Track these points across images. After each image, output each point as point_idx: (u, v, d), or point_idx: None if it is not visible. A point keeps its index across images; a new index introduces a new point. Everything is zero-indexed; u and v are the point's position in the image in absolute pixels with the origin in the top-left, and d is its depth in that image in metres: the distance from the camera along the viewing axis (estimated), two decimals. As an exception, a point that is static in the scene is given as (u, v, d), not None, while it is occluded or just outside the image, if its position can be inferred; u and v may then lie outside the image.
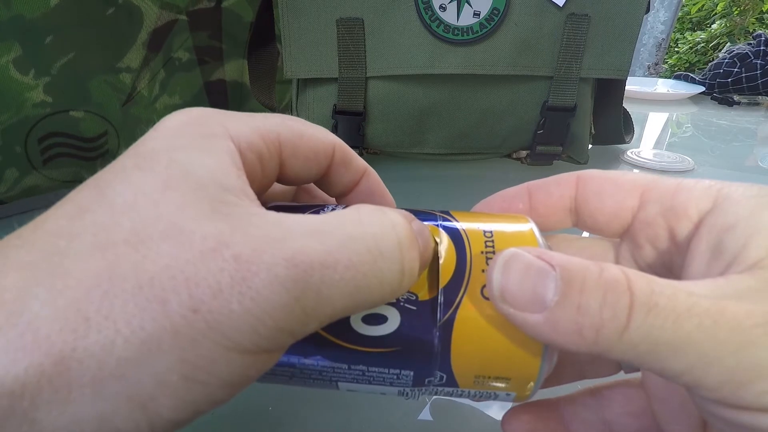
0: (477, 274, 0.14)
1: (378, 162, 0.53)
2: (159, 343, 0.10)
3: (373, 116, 0.48)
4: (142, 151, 0.12)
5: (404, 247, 0.12)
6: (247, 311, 0.10)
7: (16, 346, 0.09)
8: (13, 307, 0.10)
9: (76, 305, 0.10)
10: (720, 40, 2.48)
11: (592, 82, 0.50)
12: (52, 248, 0.10)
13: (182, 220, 0.11)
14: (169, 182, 0.11)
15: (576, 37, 0.45)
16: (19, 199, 0.41)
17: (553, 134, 0.49)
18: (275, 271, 0.10)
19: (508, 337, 0.14)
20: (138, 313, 0.10)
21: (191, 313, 0.10)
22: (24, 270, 0.10)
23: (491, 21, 0.45)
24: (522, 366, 0.14)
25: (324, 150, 0.16)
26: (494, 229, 0.15)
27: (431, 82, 0.47)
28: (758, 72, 0.89)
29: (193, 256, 0.10)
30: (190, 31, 0.48)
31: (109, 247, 0.10)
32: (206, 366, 0.10)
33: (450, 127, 0.49)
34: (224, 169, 0.12)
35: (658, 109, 0.88)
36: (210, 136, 0.13)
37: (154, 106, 0.48)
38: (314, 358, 0.14)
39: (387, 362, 0.14)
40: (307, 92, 0.49)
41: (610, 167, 0.54)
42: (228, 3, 0.50)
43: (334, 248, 0.11)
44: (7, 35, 0.36)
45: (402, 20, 0.45)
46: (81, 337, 0.10)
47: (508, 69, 0.46)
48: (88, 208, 0.11)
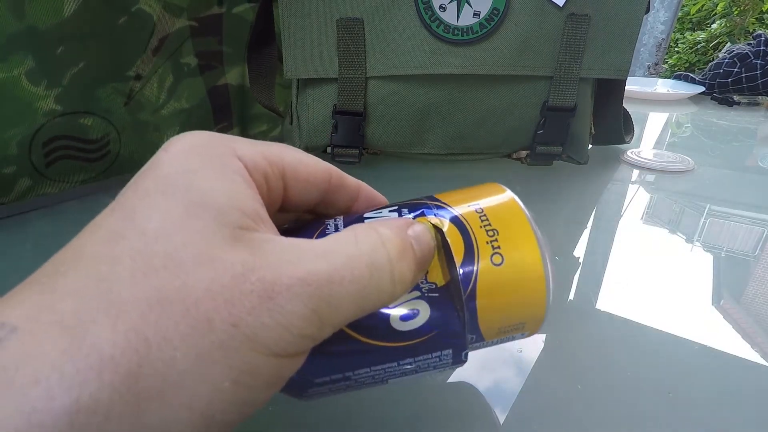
0: (483, 246, 0.17)
1: (378, 162, 0.53)
2: (210, 355, 0.12)
3: (373, 116, 0.48)
4: (160, 174, 0.14)
5: (393, 259, 0.14)
6: (276, 323, 0.12)
7: (85, 368, 0.10)
8: (75, 332, 0.11)
9: (135, 328, 0.11)
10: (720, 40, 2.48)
11: (592, 82, 0.50)
12: (97, 274, 0.12)
13: (210, 248, 0.12)
14: (191, 209, 0.13)
15: (576, 37, 0.45)
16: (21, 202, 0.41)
17: (553, 134, 0.49)
18: (294, 290, 0.12)
19: (520, 292, 0.17)
20: (190, 331, 0.11)
21: (232, 327, 0.12)
22: (78, 296, 0.11)
23: (491, 21, 0.45)
24: (534, 310, 0.17)
25: (322, 174, 0.17)
26: (483, 205, 0.18)
27: (431, 82, 0.47)
28: (758, 72, 0.89)
29: (227, 281, 0.12)
30: (199, 36, 0.48)
31: (150, 273, 0.12)
32: (249, 370, 0.12)
33: (450, 128, 0.49)
34: (239, 191, 0.14)
35: (658, 109, 0.88)
36: (221, 157, 0.14)
37: (161, 113, 0.48)
38: (367, 366, 0.16)
39: (429, 348, 0.16)
40: (307, 92, 0.49)
41: (610, 167, 0.55)
42: (239, 9, 0.50)
43: (339, 266, 0.13)
44: (19, 47, 0.36)
45: (402, 20, 0.45)
46: (144, 356, 0.11)
47: (508, 69, 0.46)
48: (121, 234, 0.12)
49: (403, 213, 0.18)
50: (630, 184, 0.50)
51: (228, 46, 0.51)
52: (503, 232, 0.17)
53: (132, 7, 0.41)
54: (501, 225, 0.17)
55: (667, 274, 0.34)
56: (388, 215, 0.18)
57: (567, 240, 0.38)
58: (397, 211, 0.18)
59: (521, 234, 0.17)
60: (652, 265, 0.35)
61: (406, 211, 0.18)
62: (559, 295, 0.31)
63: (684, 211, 0.45)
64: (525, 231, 0.17)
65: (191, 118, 0.51)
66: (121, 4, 0.41)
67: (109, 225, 0.13)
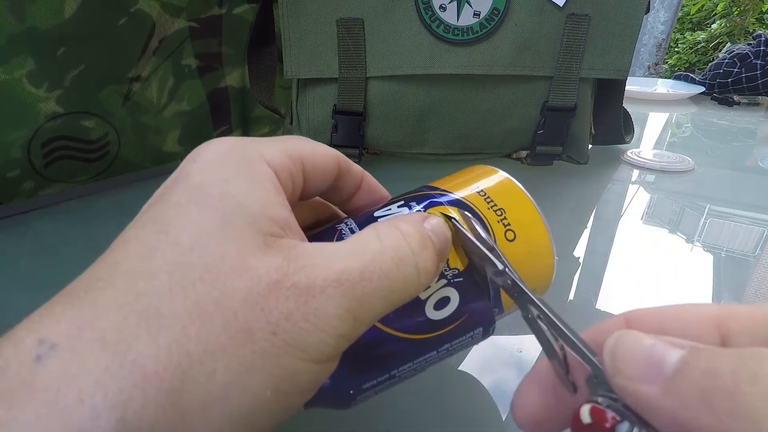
0: (495, 225, 0.18)
1: (378, 162, 0.53)
2: (252, 365, 0.12)
3: (373, 116, 0.48)
4: (191, 184, 0.14)
5: (416, 251, 0.15)
6: (314, 326, 0.12)
7: (129, 385, 0.10)
8: (117, 348, 0.11)
9: (176, 342, 0.11)
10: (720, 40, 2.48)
11: (592, 82, 0.50)
12: (135, 289, 0.12)
13: (245, 257, 0.12)
14: (225, 218, 0.13)
15: (576, 37, 0.45)
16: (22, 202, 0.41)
17: (553, 134, 0.49)
18: (327, 292, 0.13)
19: (533, 262, 0.18)
20: (230, 342, 0.12)
21: (271, 335, 0.12)
22: (118, 312, 0.11)
23: (491, 21, 0.45)
24: (544, 277, 0.19)
25: (333, 162, 0.18)
26: (483, 187, 0.19)
27: (431, 82, 0.47)
28: (758, 72, 0.89)
29: (263, 289, 0.12)
30: (199, 38, 0.48)
31: (188, 286, 0.12)
32: (289, 377, 0.12)
33: (450, 128, 0.49)
34: (270, 199, 0.14)
35: (658, 109, 0.88)
36: (251, 163, 0.14)
37: (162, 115, 0.48)
38: (410, 360, 0.17)
39: (463, 330, 0.17)
40: (307, 92, 0.49)
41: (610, 167, 0.55)
42: (239, 10, 0.50)
43: (367, 263, 0.13)
44: (20, 49, 0.36)
45: (402, 20, 0.45)
46: (186, 369, 0.11)
47: (508, 69, 0.46)
48: (156, 247, 0.12)
49: (412, 206, 0.18)
50: (630, 184, 0.50)
51: (228, 47, 0.51)
52: (510, 211, 0.18)
53: (131, 8, 0.41)
54: (506, 204, 0.18)
55: (667, 274, 0.34)
56: (399, 211, 0.18)
57: (567, 240, 0.38)
58: (406, 205, 0.18)
59: (525, 210, 0.19)
60: (652, 265, 0.35)
61: (414, 204, 0.18)
62: (559, 295, 0.31)
63: (684, 211, 0.45)
64: (528, 207, 0.19)
65: (192, 120, 0.51)
66: (120, 4, 0.41)
67: (142, 238, 0.13)
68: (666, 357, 0.11)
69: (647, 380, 0.11)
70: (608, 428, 0.11)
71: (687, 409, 0.10)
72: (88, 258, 0.13)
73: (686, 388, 0.10)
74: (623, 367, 0.11)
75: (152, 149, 0.48)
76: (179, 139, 0.50)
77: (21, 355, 0.10)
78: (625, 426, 0.11)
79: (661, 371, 0.11)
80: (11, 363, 0.10)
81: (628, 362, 0.11)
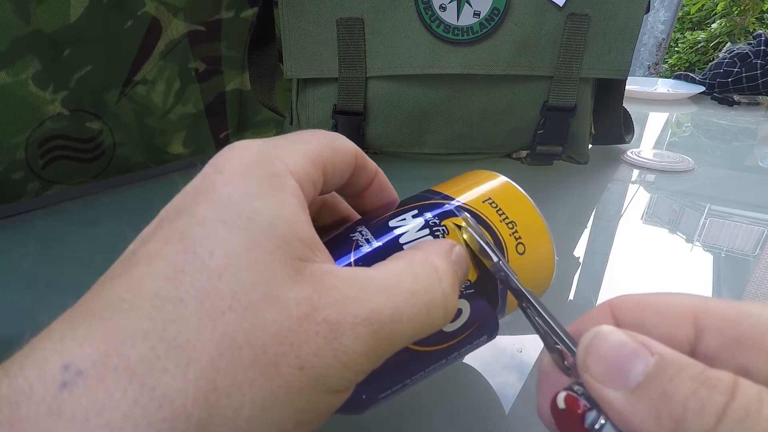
0: (508, 239, 0.18)
1: (378, 162, 0.53)
2: (277, 399, 0.12)
3: (373, 116, 0.48)
4: (217, 199, 0.13)
5: (447, 294, 0.15)
6: (339, 363, 0.12)
7: (158, 420, 0.10)
8: (145, 380, 0.11)
9: (205, 376, 0.11)
10: (720, 40, 2.48)
11: (592, 82, 0.50)
12: (162, 316, 0.11)
13: (275, 286, 0.12)
14: (255, 239, 0.13)
15: (576, 37, 0.45)
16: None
17: (553, 134, 0.49)
18: (357, 330, 0.13)
19: (538, 272, 0.19)
20: (258, 377, 0.11)
21: (298, 371, 0.12)
22: (145, 340, 0.11)
23: (491, 21, 0.45)
24: (543, 285, 0.20)
25: (351, 159, 0.18)
26: (493, 197, 0.19)
27: (431, 82, 0.47)
28: (758, 72, 0.89)
29: (293, 323, 0.12)
30: (206, 41, 0.48)
31: (217, 316, 0.12)
32: (311, 409, 0.12)
33: (450, 127, 0.49)
34: (298, 219, 0.14)
35: (658, 109, 0.88)
36: (277, 177, 0.14)
37: (168, 117, 0.48)
38: (422, 369, 0.18)
39: (471, 338, 0.18)
40: (307, 92, 0.49)
41: (610, 167, 0.55)
42: (246, 14, 0.50)
43: (400, 304, 0.14)
44: (25, 51, 0.36)
45: (402, 20, 0.45)
46: (213, 404, 0.11)
47: (508, 69, 0.46)
48: (183, 269, 0.12)
49: (426, 217, 0.18)
50: (630, 184, 0.50)
51: (235, 51, 0.51)
52: (521, 224, 0.19)
53: (138, 11, 0.41)
54: (516, 216, 0.19)
55: (667, 274, 0.34)
56: (413, 221, 0.18)
57: (567, 240, 0.38)
58: (420, 215, 0.18)
59: (535, 223, 0.19)
60: (652, 265, 0.35)
61: (429, 215, 0.18)
62: (559, 295, 0.31)
63: (684, 210, 0.45)
64: (536, 219, 0.19)
65: (197, 122, 0.51)
66: (127, 7, 0.41)
67: (168, 256, 0.12)
68: (632, 367, 0.12)
69: (612, 385, 0.12)
70: (579, 414, 0.12)
71: (642, 423, 0.11)
72: (90, 258, 0.13)
73: (643, 404, 0.11)
74: (593, 366, 0.12)
75: (157, 151, 0.48)
76: (184, 142, 0.51)
77: (46, 380, 0.10)
78: (593, 414, 0.12)
79: (626, 380, 0.12)
80: (36, 388, 0.10)
81: (598, 363, 0.12)
